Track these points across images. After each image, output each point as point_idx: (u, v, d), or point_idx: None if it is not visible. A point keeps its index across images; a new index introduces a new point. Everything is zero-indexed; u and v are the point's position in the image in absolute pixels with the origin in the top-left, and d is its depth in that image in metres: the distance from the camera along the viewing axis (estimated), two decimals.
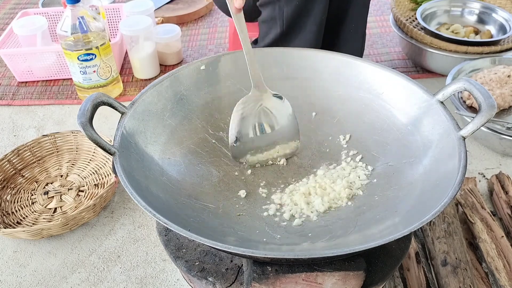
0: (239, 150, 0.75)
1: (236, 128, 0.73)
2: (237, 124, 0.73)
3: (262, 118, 0.75)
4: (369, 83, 0.76)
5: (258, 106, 0.75)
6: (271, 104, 0.75)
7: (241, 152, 0.75)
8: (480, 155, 1.10)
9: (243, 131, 0.74)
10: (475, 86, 0.61)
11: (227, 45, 1.57)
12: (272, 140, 0.76)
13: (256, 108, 0.74)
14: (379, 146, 0.73)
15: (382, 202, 0.66)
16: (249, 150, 0.75)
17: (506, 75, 1.15)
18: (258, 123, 0.75)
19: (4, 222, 0.95)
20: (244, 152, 0.75)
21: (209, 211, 0.66)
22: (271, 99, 0.75)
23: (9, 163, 1.05)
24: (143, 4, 1.49)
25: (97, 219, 0.99)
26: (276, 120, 0.76)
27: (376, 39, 1.56)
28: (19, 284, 0.87)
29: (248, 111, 0.74)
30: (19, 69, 1.38)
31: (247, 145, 0.75)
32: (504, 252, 0.83)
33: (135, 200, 0.55)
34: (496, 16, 1.36)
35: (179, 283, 0.86)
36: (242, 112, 0.73)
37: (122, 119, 0.66)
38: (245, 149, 0.75)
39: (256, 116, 0.75)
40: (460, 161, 0.59)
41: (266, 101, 0.75)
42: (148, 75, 1.40)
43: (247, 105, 0.74)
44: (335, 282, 0.59)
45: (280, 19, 1.01)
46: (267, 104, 0.75)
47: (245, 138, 0.74)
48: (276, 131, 0.76)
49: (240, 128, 0.74)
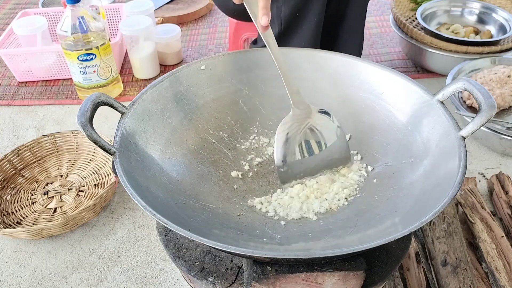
0: (286, 174, 0.70)
1: (281, 151, 0.68)
2: (282, 147, 0.68)
3: (310, 138, 0.70)
4: (369, 83, 0.76)
5: (305, 125, 0.70)
6: (318, 122, 0.70)
7: (289, 176, 0.70)
8: (480, 155, 1.10)
9: (289, 154, 0.69)
10: (475, 86, 0.61)
11: (227, 45, 1.57)
12: (321, 160, 0.71)
13: (302, 128, 0.70)
14: (379, 146, 0.73)
15: (382, 202, 0.66)
16: (298, 173, 0.70)
17: (506, 75, 1.15)
18: (305, 144, 0.70)
19: (4, 222, 0.95)
20: (292, 176, 0.70)
21: (209, 211, 0.66)
22: (317, 116, 0.70)
23: (9, 163, 1.05)
24: (143, 4, 1.49)
25: (97, 219, 0.99)
26: (325, 139, 0.71)
27: (376, 39, 1.56)
28: (19, 284, 0.87)
29: (293, 132, 0.69)
30: (19, 69, 1.38)
31: (295, 169, 0.70)
32: (504, 252, 0.83)
33: (135, 200, 0.55)
34: (496, 16, 1.36)
35: (179, 283, 0.86)
36: (287, 133, 0.68)
37: (122, 119, 0.66)
38: (293, 173, 0.70)
39: (303, 136, 0.70)
40: (460, 161, 0.59)
41: (313, 119, 0.70)
42: (148, 75, 1.40)
43: (291, 125, 0.69)
44: (335, 282, 0.59)
45: (278, 19, 1.01)
46: (314, 123, 0.70)
47: (292, 161, 0.69)
48: (325, 151, 0.71)
49: (286, 151, 0.69)
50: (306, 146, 0.70)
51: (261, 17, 0.66)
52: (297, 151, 0.70)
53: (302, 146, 0.70)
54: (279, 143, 0.69)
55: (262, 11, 0.66)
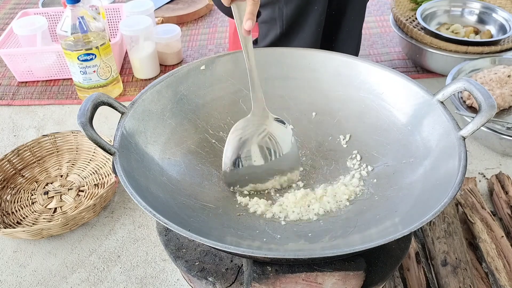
0: (233, 177, 0.70)
1: (232, 154, 0.68)
2: (234, 149, 0.68)
3: (264, 144, 0.70)
4: (369, 83, 0.76)
5: (261, 131, 0.70)
6: (273, 129, 0.70)
7: (236, 179, 0.70)
8: (480, 155, 1.10)
9: (241, 157, 0.69)
10: (475, 86, 0.61)
11: (227, 45, 1.57)
12: (271, 169, 0.71)
13: (258, 133, 0.70)
14: (379, 146, 0.73)
15: (382, 202, 0.66)
16: (245, 177, 0.70)
17: (506, 75, 1.15)
18: (258, 150, 0.70)
19: (4, 222, 0.95)
20: (238, 180, 0.70)
21: (209, 211, 0.66)
22: (273, 124, 0.71)
23: (9, 163, 1.05)
24: (143, 4, 1.49)
25: (97, 219, 0.99)
26: (278, 148, 0.71)
27: (376, 39, 1.56)
28: (19, 284, 0.87)
29: (248, 135, 0.69)
30: (19, 69, 1.38)
31: (244, 173, 0.70)
32: (504, 252, 0.83)
33: (135, 200, 0.55)
34: (496, 16, 1.36)
35: (179, 283, 0.86)
36: (241, 137, 0.68)
37: (122, 119, 0.66)
38: (240, 177, 0.70)
39: (257, 142, 0.70)
40: (460, 161, 0.59)
41: (269, 126, 0.70)
42: (148, 75, 1.40)
43: (247, 129, 0.69)
44: (335, 282, 0.60)
45: (280, 20, 1.01)
46: (270, 130, 0.70)
47: (242, 165, 0.69)
48: (277, 159, 0.71)
49: (238, 154, 0.68)
50: (260, 151, 0.70)
51: (246, 21, 0.67)
52: (250, 155, 0.69)
53: (255, 151, 0.70)
54: (231, 144, 0.68)
55: (248, 16, 0.67)
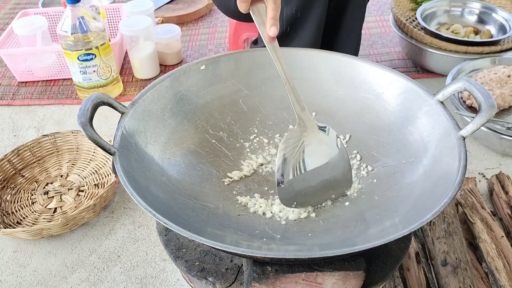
0: (284, 193, 0.67)
1: (279, 170, 0.66)
2: (280, 165, 0.66)
3: (305, 157, 0.67)
4: (369, 83, 0.76)
5: (301, 144, 0.67)
6: (314, 139, 0.68)
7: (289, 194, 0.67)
8: (480, 155, 1.10)
9: (285, 173, 0.66)
10: (475, 86, 0.61)
11: (227, 45, 1.57)
12: (322, 180, 0.68)
13: (298, 147, 0.67)
14: (379, 146, 0.73)
15: (382, 202, 0.66)
16: (297, 192, 0.67)
17: (506, 75, 1.15)
18: (300, 163, 0.67)
19: (4, 222, 0.95)
20: (292, 195, 0.67)
21: (209, 211, 0.66)
22: (315, 133, 0.68)
23: (9, 163, 1.05)
24: (143, 4, 1.49)
25: (97, 219, 0.99)
26: (321, 157, 0.68)
27: (376, 39, 1.56)
28: (19, 284, 0.87)
29: (290, 150, 0.66)
30: (19, 69, 1.38)
31: (293, 187, 0.67)
32: (504, 252, 0.83)
33: (135, 200, 0.55)
34: (496, 16, 1.36)
35: (179, 283, 0.86)
36: (284, 153, 0.66)
37: (122, 119, 0.66)
38: (291, 192, 0.67)
39: (298, 155, 0.67)
40: (460, 161, 0.59)
41: (309, 138, 0.67)
42: (148, 75, 1.40)
43: (290, 143, 0.67)
44: (335, 282, 0.60)
45: (280, 20, 1.00)
46: (310, 141, 0.67)
47: (289, 180, 0.66)
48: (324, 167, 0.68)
49: (282, 170, 0.66)
50: (301, 164, 0.67)
51: (270, 27, 0.63)
52: (292, 170, 0.67)
53: (296, 165, 0.67)
54: (278, 162, 0.66)
55: (271, 22, 0.63)
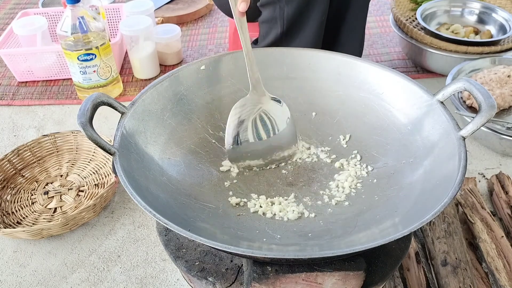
0: (235, 154, 0.74)
1: (233, 131, 0.73)
2: (234, 127, 0.73)
3: (260, 122, 0.74)
4: (369, 83, 0.76)
5: (257, 110, 0.74)
6: (269, 108, 0.74)
7: (238, 155, 0.74)
8: (480, 155, 1.10)
9: (240, 135, 0.73)
10: (475, 86, 0.61)
11: (227, 45, 1.57)
12: (270, 145, 0.75)
13: (254, 112, 0.74)
14: (379, 146, 0.73)
15: (382, 202, 0.66)
16: (246, 154, 0.74)
17: (506, 75, 1.15)
18: (256, 128, 0.74)
19: (4, 222, 0.95)
20: (241, 156, 0.74)
21: (209, 211, 0.66)
22: (270, 102, 0.75)
23: (9, 163, 1.05)
24: (143, 4, 1.49)
25: (97, 219, 0.99)
26: (275, 125, 0.75)
27: (376, 39, 1.56)
28: (19, 284, 0.87)
29: (245, 114, 0.73)
30: (19, 69, 1.38)
31: (244, 149, 0.74)
32: (504, 252, 0.83)
33: (135, 200, 0.55)
34: (496, 16, 1.36)
35: (179, 283, 0.86)
36: (239, 116, 0.73)
37: (122, 119, 0.66)
38: (242, 153, 0.74)
39: (254, 120, 0.74)
40: (460, 161, 0.59)
41: (265, 105, 0.74)
42: (148, 75, 1.40)
43: (245, 108, 0.73)
44: (335, 282, 0.60)
45: (281, 19, 1.00)
46: (266, 108, 0.74)
47: (242, 142, 0.74)
48: (275, 136, 0.75)
49: (237, 132, 0.73)
50: (256, 129, 0.74)
51: (240, 3, 0.71)
52: (248, 133, 0.74)
53: (252, 129, 0.74)
54: (231, 124, 0.73)
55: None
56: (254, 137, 0.74)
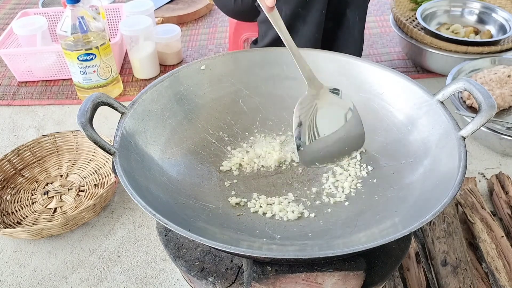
0: (304, 155, 0.72)
1: (296, 134, 0.71)
2: (296, 130, 0.71)
3: (319, 119, 0.71)
4: (369, 83, 0.76)
5: (314, 107, 0.71)
6: (327, 101, 0.72)
7: (309, 156, 0.71)
8: (480, 155, 1.10)
9: (302, 136, 0.71)
10: (475, 86, 0.61)
11: (227, 45, 1.57)
12: (336, 139, 0.73)
13: (311, 110, 0.71)
14: (379, 146, 0.73)
15: (382, 202, 0.66)
16: (316, 153, 0.72)
17: (506, 75, 1.15)
18: (313, 130, 0.71)
19: (4, 222, 0.95)
20: (311, 156, 0.72)
21: (209, 211, 0.66)
22: (327, 97, 0.72)
23: (9, 163, 1.05)
24: (143, 4, 1.49)
25: (97, 219, 0.99)
26: (335, 118, 0.72)
27: (376, 39, 1.56)
28: (19, 284, 0.87)
29: (304, 113, 0.71)
30: (19, 69, 1.38)
31: (311, 149, 0.71)
32: (504, 252, 0.83)
33: (135, 200, 0.55)
34: (496, 16, 1.36)
35: (179, 283, 0.86)
36: (299, 115, 0.70)
37: (122, 119, 0.66)
38: (310, 153, 0.71)
39: (312, 118, 0.71)
40: (460, 161, 0.59)
41: (320, 101, 0.71)
42: (148, 75, 1.40)
43: (304, 106, 0.71)
44: (335, 282, 0.60)
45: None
46: (323, 103, 0.71)
47: (306, 142, 0.71)
48: (338, 130, 0.72)
49: (298, 133, 0.71)
50: (314, 131, 0.72)
51: None
52: (308, 133, 0.71)
53: (312, 128, 0.71)
54: (294, 127, 0.70)
55: None
56: (315, 136, 0.72)
